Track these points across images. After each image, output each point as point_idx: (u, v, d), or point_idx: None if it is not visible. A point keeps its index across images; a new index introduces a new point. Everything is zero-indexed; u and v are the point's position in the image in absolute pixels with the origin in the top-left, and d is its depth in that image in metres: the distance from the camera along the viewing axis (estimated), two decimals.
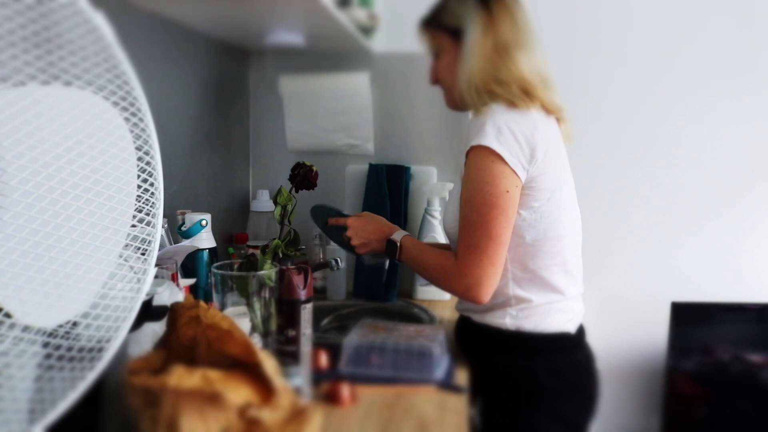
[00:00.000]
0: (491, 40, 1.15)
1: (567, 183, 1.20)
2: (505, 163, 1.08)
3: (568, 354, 1.20)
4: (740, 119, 1.82)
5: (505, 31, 1.15)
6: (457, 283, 1.13)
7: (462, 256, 1.12)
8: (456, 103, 1.23)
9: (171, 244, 1.27)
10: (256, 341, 0.94)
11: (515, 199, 1.11)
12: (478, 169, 1.10)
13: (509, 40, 1.15)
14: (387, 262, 1.72)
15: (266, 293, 0.96)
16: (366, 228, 1.28)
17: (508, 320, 1.17)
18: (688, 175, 1.85)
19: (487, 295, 1.11)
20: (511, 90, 1.13)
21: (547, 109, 1.17)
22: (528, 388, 1.16)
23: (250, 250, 1.58)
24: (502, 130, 1.09)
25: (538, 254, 1.15)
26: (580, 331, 1.23)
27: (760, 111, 1.81)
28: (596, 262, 1.85)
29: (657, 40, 1.81)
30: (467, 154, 1.13)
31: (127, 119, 0.67)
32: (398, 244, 1.22)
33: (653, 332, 1.87)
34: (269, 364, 0.74)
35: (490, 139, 1.08)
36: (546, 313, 1.17)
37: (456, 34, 1.19)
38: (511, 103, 1.13)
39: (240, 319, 0.93)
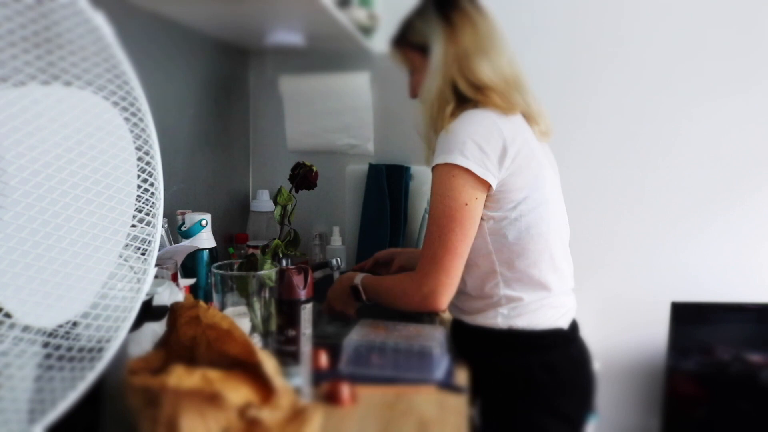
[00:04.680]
0: (452, 51, 1.18)
1: (548, 180, 1.20)
2: (470, 174, 1.10)
3: (562, 350, 1.20)
4: (742, 120, 1.82)
5: (466, 40, 1.18)
6: (414, 294, 1.15)
7: (420, 267, 1.15)
8: None
9: (171, 244, 1.27)
10: (256, 341, 0.94)
11: (475, 211, 1.13)
12: (438, 184, 1.14)
13: (470, 48, 1.17)
14: None
15: (266, 293, 0.96)
16: (334, 292, 1.33)
17: (500, 320, 1.17)
18: (688, 175, 1.85)
19: (444, 303, 1.14)
20: (471, 93, 1.16)
21: (504, 110, 1.17)
22: (524, 386, 1.16)
23: (250, 250, 1.58)
24: (466, 143, 1.11)
25: (524, 252, 1.16)
26: (573, 326, 1.24)
27: (762, 112, 1.81)
28: (596, 262, 1.86)
29: (660, 41, 1.81)
30: (432, 171, 1.16)
31: (127, 119, 0.67)
32: (359, 287, 1.26)
33: (653, 332, 1.88)
34: (269, 364, 0.74)
35: (453, 156, 1.11)
36: (537, 310, 1.17)
37: (424, 51, 1.23)
38: (474, 105, 1.15)
39: (240, 319, 0.93)
